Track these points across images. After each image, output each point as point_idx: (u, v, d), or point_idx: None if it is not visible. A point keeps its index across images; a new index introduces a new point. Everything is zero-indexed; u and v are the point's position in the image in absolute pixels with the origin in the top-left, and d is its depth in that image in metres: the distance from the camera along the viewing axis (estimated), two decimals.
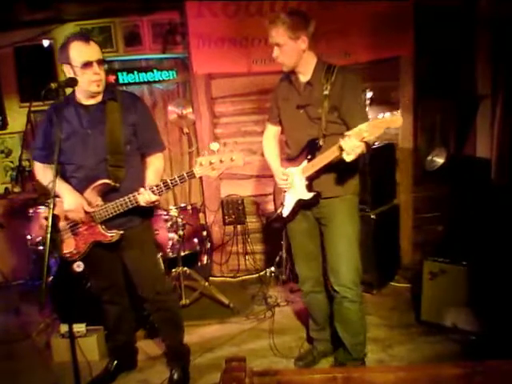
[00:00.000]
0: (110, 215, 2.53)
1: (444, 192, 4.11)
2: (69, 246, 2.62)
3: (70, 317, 2.44)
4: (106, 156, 2.55)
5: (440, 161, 3.97)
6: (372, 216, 3.63)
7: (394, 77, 4.20)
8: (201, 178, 4.54)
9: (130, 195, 2.46)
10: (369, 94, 3.71)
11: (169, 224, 3.77)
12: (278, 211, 2.82)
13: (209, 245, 4.41)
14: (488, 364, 1.62)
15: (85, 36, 2.48)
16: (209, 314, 3.75)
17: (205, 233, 4.28)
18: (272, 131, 2.92)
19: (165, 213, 3.79)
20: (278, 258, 4.34)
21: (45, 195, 4.06)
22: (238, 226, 4.59)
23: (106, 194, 2.55)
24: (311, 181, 2.58)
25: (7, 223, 4.46)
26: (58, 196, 2.52)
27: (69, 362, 2.70)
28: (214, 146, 2.31)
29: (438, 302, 3.21)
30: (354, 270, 2.65)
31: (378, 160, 3.28)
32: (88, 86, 2.46)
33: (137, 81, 4.52)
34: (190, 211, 4.00)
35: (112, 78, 4.41)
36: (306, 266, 2.89)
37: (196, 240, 3.98)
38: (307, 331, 3.26)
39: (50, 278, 3.29)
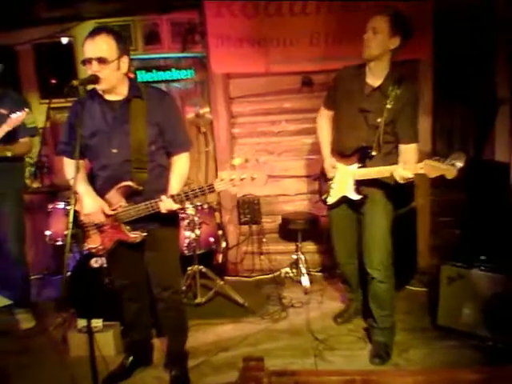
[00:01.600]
0: (133, 218, 2.54)
1: (462, 196, 4.07)
2: (95, 241, 2.64)
3: (89, 312, 2.45)
4: (129, 157, 2.54)
5: (459, 164, 3.92)
6: None
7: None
8: (217, 176, 4.56)
9: (153, 201, 2.46)
10: None
11: (185, 222, 3.80)
12: (323, 197, 3.17)
13: (224, 244, 4.42)
14: (506, 369, 1.61)
15: (94, 31, 2.43)
16: (223, 313, 3.75)
17: (220, 232, 4.29)
18: (326, 115, 3.18)
19: (181, 211, 3.80)
20: (293, 259, 4.35)
21: (63, 191, 4.12)
22: (254, 226, 4.59)
23: (131, 195, 2.56)
24: (359, 184, 2.91)
25: (26, 218, 4.51)
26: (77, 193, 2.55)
27: (85, 357, 2.73)
28: (237, 161, 2.29)
29: (454, 307, 3.19)
30: (383, 255, 2.97)
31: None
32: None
33: (155, 79, 4.53)
34: (207, 210, 4.01)
35: (131, 76, 4.43)
36: (341, 243, 3.30)
37: (212, 239, 3.98)
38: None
39: (68, 273, 3.32)
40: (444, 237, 4.27)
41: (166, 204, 2.43)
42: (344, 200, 3.06)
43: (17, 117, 3.19)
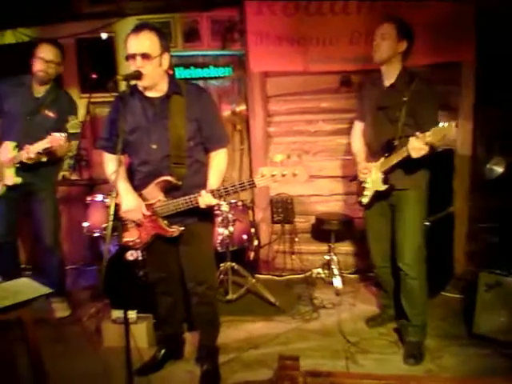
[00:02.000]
0: (171, 212, 2.56)
1: (502, 202, 3.98)
2: (132, 235, 2.69)
3: (125, 304, 2.49)
4: (168, 153, 2.57)
5: (499, 170, 3.85)
6: (426, 223, 3.55)
7: (455, 82, 4.10)
8: (251, 174, 4.58)
9: (191, 196, 2.49)
10: None
11: (219, 219, 3.81)
12: (359, 199, 3.28)
13: (256, 242, 4.42)
14: None
15: (138, 28, 2.45)
16: (254, 311, 3.76)
17: (253, 230, 4.29)
18: (359, 128, 3.35)
19: (216, 208, 3.82)
20: (325, 260, 4.33)
21: (101, 184, 4.19)
22: (286, 225, 4.58)
23: (169, 190, 2.59)
24: (387, 175, 3.01)
25: (63, 209, 4.60)
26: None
27: (118, 347, 2.78)
28: (278, 157, 2.29)
29: (491, 315, 3.12)
30: (415, 251, 3.03)
31: (436, 166, 3.23)
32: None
33: (193, 76, 4.56)
34: (240, 207, 4.02)
35: (170, 73, 4.48)
36: (376, 245, 3.35)
37: (245, 236, 3.99)
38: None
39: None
40: (481, 243, 4.17)
41: (205, 199, 2.44)
42: (376, 196, 3.14)
43: (57, 138, 3.20)
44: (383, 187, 3.03)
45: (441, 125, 2.55)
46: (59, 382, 2.69)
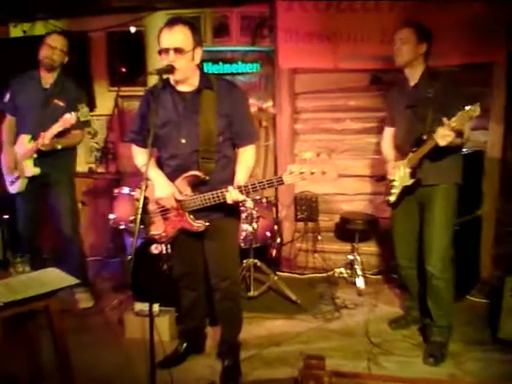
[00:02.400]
0: (198, 207, 2.57)
1: None
2: (158, 228, 2.70)
3: (150, 297, 2.50)
4: (197, 147, 2.57)
5: None
6: (456, 227, 3.49)
7: (486, 83, 4.02)
8: (276, 171, 4.57)
9: (219, 191, 2.48)
10: None
11: (244, 215, 3.81)
12: (386, 198, 3.25)
13: (279, 239, 4.40)
14: None
15: (171, 22, 2.44)
16: (276, 308, 3.75)
17: (276, 227, 4.28)
18: (389, 133, 3.38)
19: (241, 204, 3.82)
20: (348, 260, 4.30)
21: (127, 177, 4.23)
22: (309, 223, 4.56)
23: (197, 184, 2.59)
24: (415, 169, 3.00)
25: (89, 201, 4.66)
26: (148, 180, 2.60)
27: (139, 339, 2.79)
28: (307, 154, 2.27)
29: None
30: (442, 252, 3.02)
31: (465, 167, 3.18)
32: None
33: (221, 72, 4.55)
34: (265, 204, 4.02)
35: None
36: (402, 246, 3.32)
37: (268, 233, 3.98)
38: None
39: (128, 257, 3.40)
40: (508, 247, 4.09)
41: (232, 195, 2.44)
42: (404, 192, 3.11)
43: (68, 118, 3.28)
44: (410, 181, 3.03)
45: (467, 108, 2.57)
46: (82, 371, 2.71)
